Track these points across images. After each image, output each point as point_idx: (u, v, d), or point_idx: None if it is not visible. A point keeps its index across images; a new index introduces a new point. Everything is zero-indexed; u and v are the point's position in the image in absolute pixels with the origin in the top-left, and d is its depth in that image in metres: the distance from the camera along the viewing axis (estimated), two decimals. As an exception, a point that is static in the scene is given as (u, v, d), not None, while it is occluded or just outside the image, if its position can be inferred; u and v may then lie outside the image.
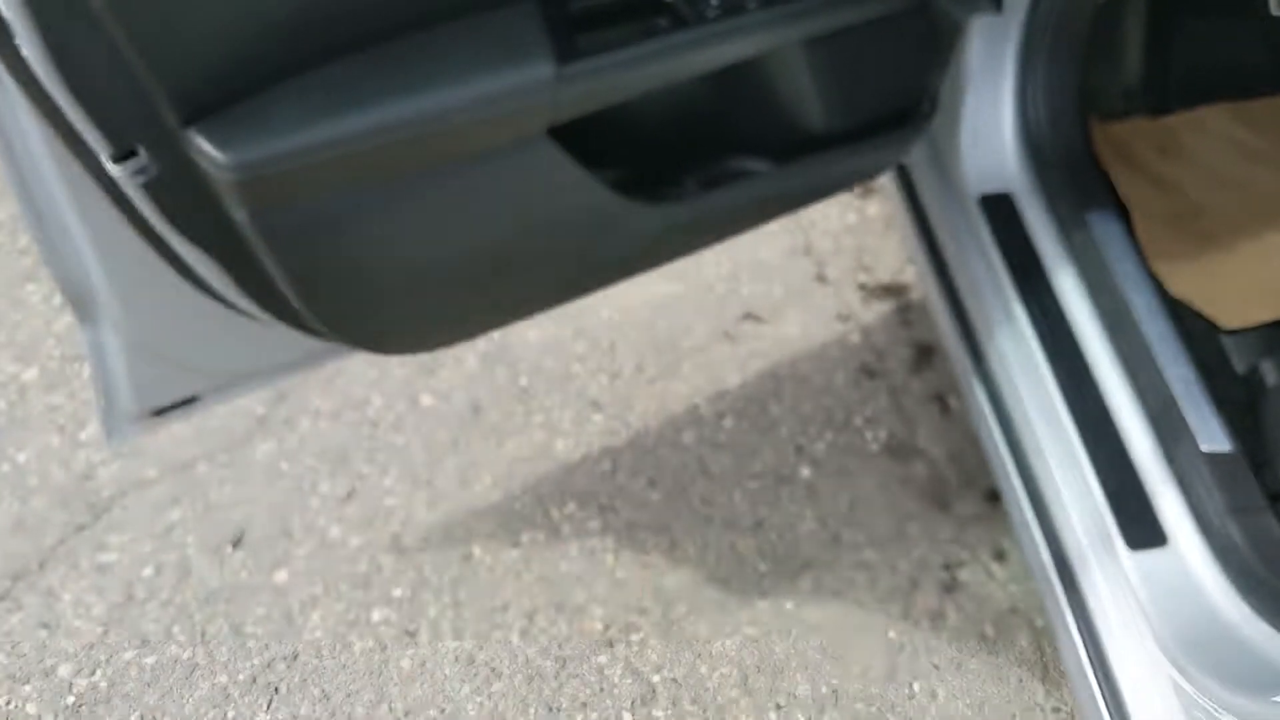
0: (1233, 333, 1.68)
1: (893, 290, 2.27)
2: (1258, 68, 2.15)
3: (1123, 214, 1.83)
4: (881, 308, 2.24)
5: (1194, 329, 1.69)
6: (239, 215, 1.16)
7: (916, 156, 1.93)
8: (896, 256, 2.32)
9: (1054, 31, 1.75)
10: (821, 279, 2.29)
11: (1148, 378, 1.56)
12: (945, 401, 2.06)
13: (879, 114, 1.62)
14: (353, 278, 1.30)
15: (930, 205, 1.92)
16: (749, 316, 2.22)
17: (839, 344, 2.17)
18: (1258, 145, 2.04)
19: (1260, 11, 1.99)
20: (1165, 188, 1.94)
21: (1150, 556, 1.45)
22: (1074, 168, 1.84)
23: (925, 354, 2.15)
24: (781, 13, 1.35)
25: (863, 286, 2.28)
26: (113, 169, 1.13)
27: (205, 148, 1.09)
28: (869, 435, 2.03)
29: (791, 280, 2.29)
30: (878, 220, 2.40)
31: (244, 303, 1.38)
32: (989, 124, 1.83)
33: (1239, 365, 1.65)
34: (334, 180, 1.16)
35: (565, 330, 2.18)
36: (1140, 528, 1.48)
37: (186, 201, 1.20)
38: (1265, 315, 1.70)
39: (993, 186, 1.83)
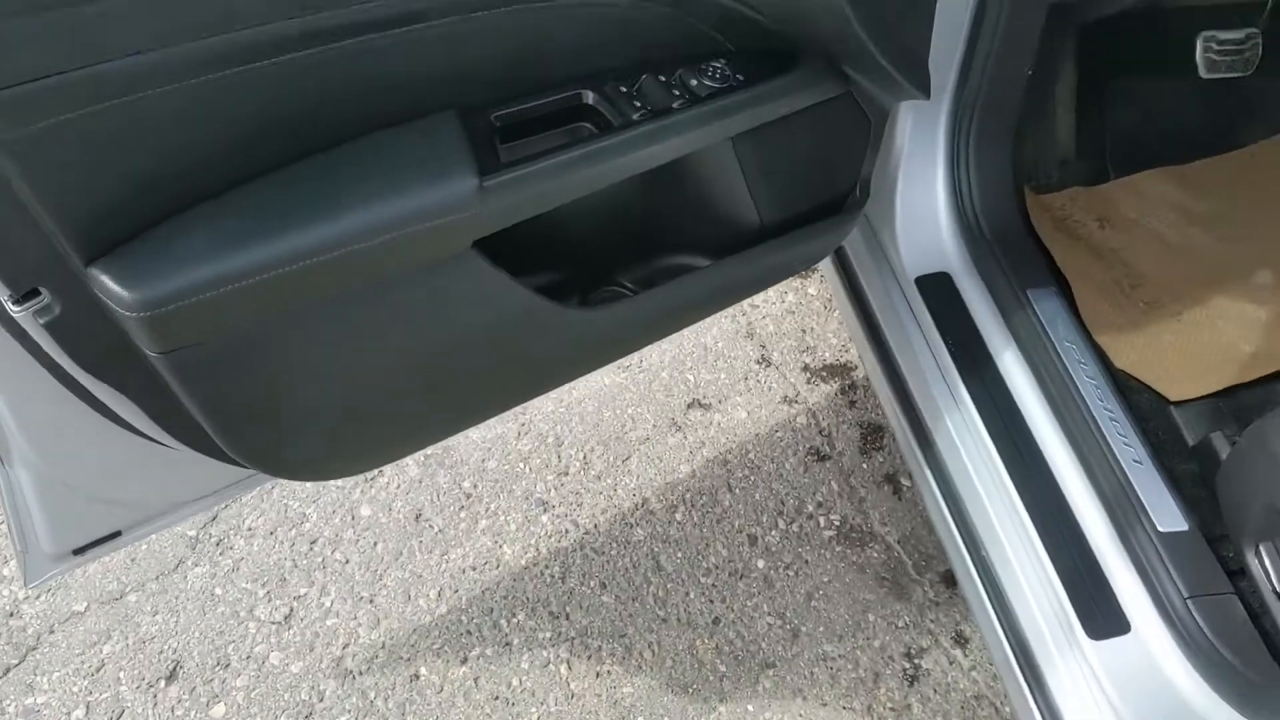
0: (1181, 404, 1.67)
1: (837, 370, 2.25)
2: (1192, 130, 2.17)
3: (1064, 287, 1.82)
4: (827, 388, 2.22)
5: (1143, 403, 1.68)
6: (149, 352, 1.12)
7: (853, 238, 1.92)
8: (839, 335, 2.30)
9: (982, 108, 1.75)
10: (766, 362, 2.27)
11: (1099, 458, 1.54)
12: (897, 482, 2.03)
13: (812, 204, 1.60)
14: (274, 408, 1.25)
15: (869, 287, 1.90)
16: (696, 404, 2.19)
17: (787, 428, 2.14)
18: (1197, 209, 2.05)
19: (1190, 74, 2.02)
20: (1105, 257, 1.94)
21: (1113, 645, 1.42)
22: (1012, 243, 1.83)
23: (874, 434, 2.12)
24: (707, 112, 1.33)
25: (807, 368, 2.26)
26: (14, 310, 1.09)
27: (109, 287, 1.05)
28: (822, 521, 1.99)
29: (736, 364, 2.26)
30: (818, 299, 2.38)
31: (162, 436, 1.33)
32: (922, 204, 1.82)
33: (1190, 438, 1.64)
34: (247, 310, 1.12)
35: (509, 428, 2.14)
36: (1101, 616, 1.45)
37: (94, 339, 1.15)
38: (1212, 386, 1.68)
39: (930, 266, 1.82)
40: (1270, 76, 2.09)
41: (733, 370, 2.24)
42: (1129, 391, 1.68)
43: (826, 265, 2.03)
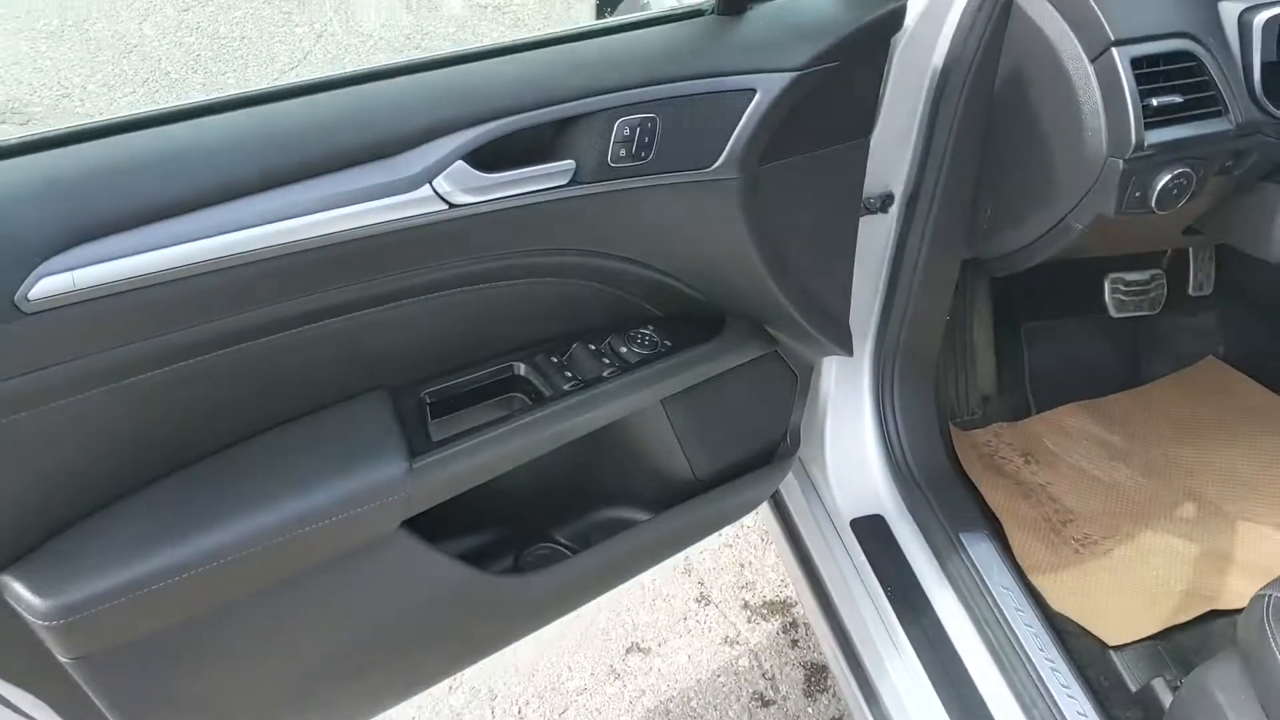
0: (1120, 648, 1.67)
1: (777, 607, 2.23)
2: (1106, 365, 2.25)
3: (996, 526, 1.85)
4: (768, 627, 2.19)
5: (1082, 648, 1.68)
6: (63, 657, 1.08)
7: (788, 481, 1.94)
8: (777, 570, 2.29)
9: (903, 353, 1.80)
10: (705, 600, 2.25)
11: (1043, 711, 1.52)
12: (844, 726, 1.99)
13: (744, 455, 1.62)
14: (196, 704, 1.21)
15: (804, 529, 1.91)
16: (635, 648, 2.15)
17: (729, 671, 2.10)
18: (1116, 442, 2.11)
19: (1100, 312, 2.10)
20: (1034, 494, 1.97)
21: None
22: (942, 483, 1.86)
23: (818, 674, 2.09)
24: (636, 380, 1.35)
25: (747, 605, 2.23)
26: None
27: (21, 594, 1.02)
28: (769, 773, 1.94)
29: (675, 603, 2.24)
30: (754, 531, 2.38)
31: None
32: (852, 447, 1.85)
33: (1132, 684, 1.63)
34: (162, 612, 1.09)
35: (440, 683, 2.07)
36: None
37: (6, 642, 1.11)
38: (1148, 628, 1.69)
39: (864, 509, 1.84)
40: (1175, 313, 2.20)
41: (672, 610, 2.21)
42: (1068, 636, 1.68)
43: (762, 506, 2.03)
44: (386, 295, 1.17)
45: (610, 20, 1.26)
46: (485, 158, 1.12)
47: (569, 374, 1.32)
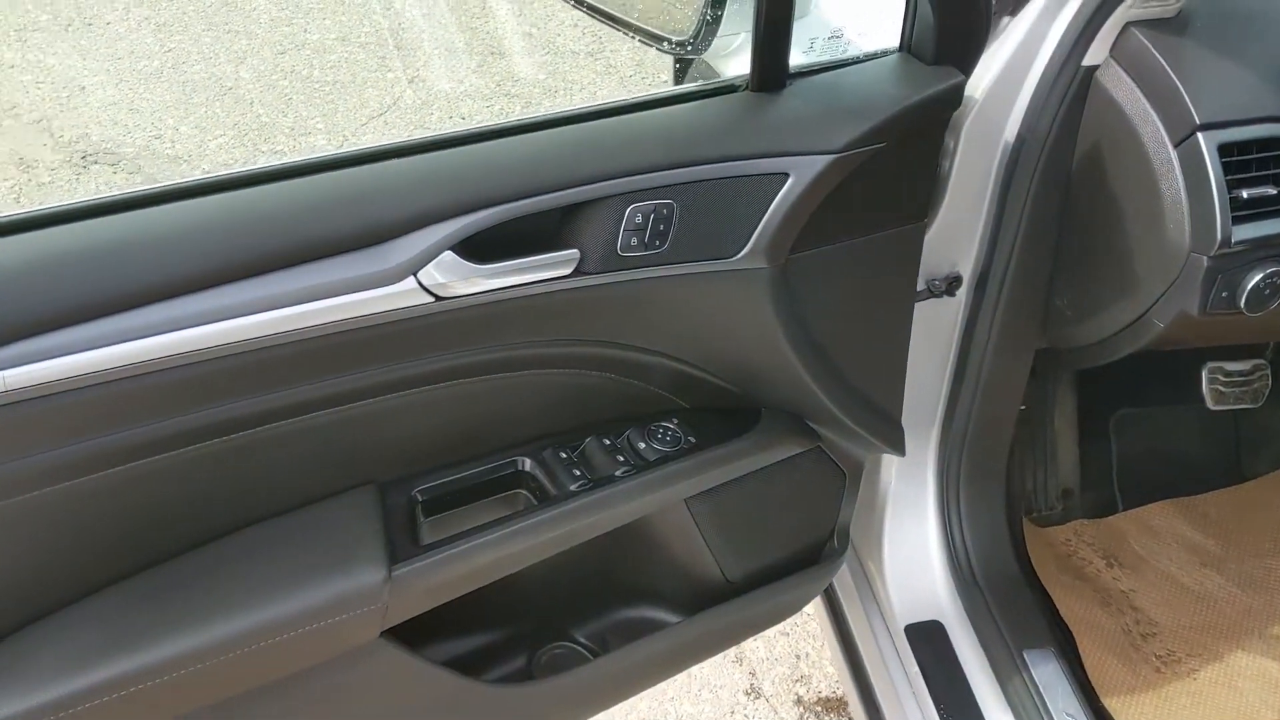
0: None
1: (834, 705, 2.10)
2: (1202, 460, 2.08)
3: (1068, 638, 1.69)
4: (822, 728, 2.06)
5: (1157, 784, 1.52)
6: None
7: (842, 574, 1.82)
8: (837, 663, 2.16)
9: (971, 444, 1.67)
10: (755, 692, 2.12)
11: None
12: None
13: (782, 557, 1.51)
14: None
15: (857, 630, 1.78)
16: (677, 742, 2.04)
17: (777, 773, 1.97)
18: (1210, 547, 1.94)
19: (1197, 402, 1.94)
20: (1114, 602, 1.81)
21: None
22: (1009, 588, 1.71)
23: (873, 784, 1.94)
24: (654, 479, 1.26)
25: (800, 701, 2.11)
26: None
27: None
28: None
29: (723, 695, 2.12)
30: (814, 619, 2.25)
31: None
32: (912, 546, 1.72)
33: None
34: None
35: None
36: None
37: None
38: (1235, 767, 1.53)
39: (921, 613, 1.70)
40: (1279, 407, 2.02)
41: (719, 702, 2.09)
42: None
43: (817, 600, 1.91)
44: (374, 388, 1.10)
45: (635, 96, 1.18)
46: (479, 247, 1.04)
47: (578, 471, 1.23)
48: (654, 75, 4.09)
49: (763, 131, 1.15)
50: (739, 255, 1.15)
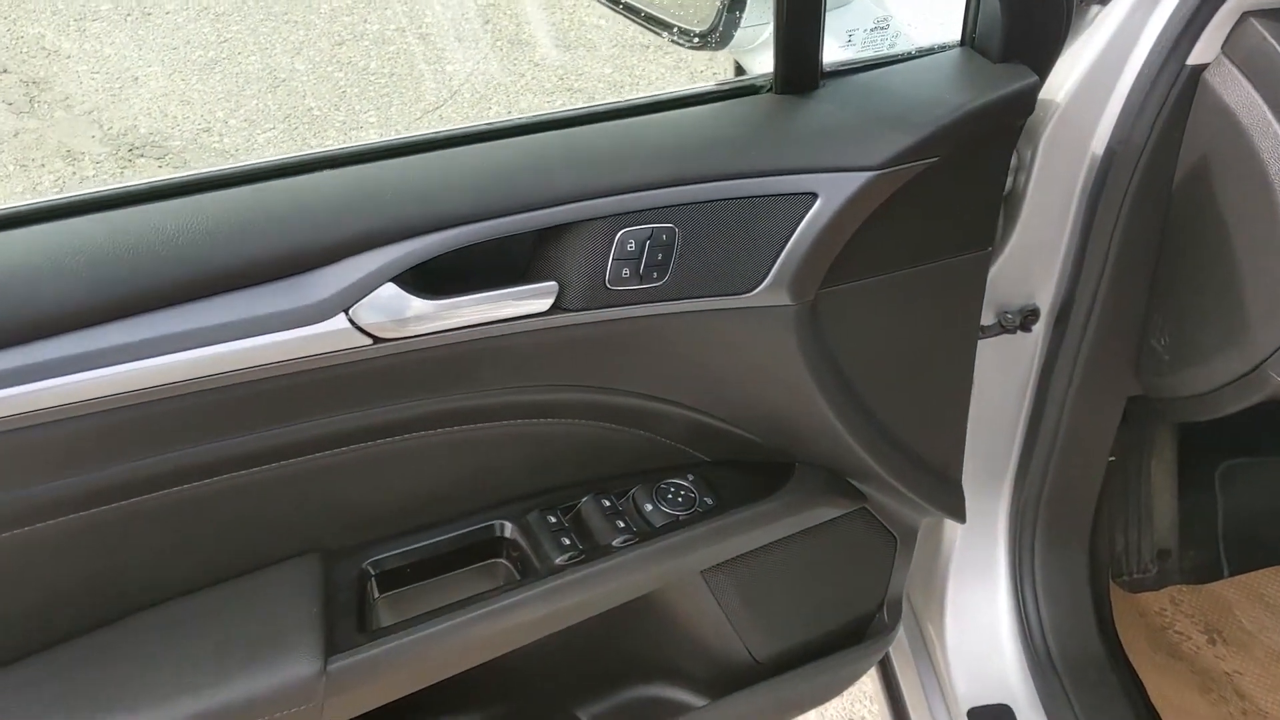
0: None
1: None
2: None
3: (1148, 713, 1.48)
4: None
5: None
6: None
7: (899, 650, 1.62)
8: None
9: (1050, 504, 1.47)
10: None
11: None
12: None
13: (820, 634, 1.32)
14: None
15: (914, 712, 1.59)
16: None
17: None
18: (1332, 624, 1.70)
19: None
20: (1217, 687, 1.59)
21: None
22: (1091, 670, 1.51)
23: None
24: (659, 550, 1.09)
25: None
26: None
27: None
28: None
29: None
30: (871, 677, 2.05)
31: None
32: (980, 618, 1.53)
33: None
34: None
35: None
36: None
37: None
38: None
39: (987, 696, 1.51)
40: None
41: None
42: None
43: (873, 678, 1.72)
44: (313, 442, 0.94)
45: (636, 98, 1.00)
46: (431, 277, 0.88)
47: (569, 540, 1.06)
48: (726, 71, 3.91)
49: (787, 142, 0.96)
50: (756, 290, 0.98)
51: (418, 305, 0.87)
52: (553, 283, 0.92)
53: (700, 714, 1.27)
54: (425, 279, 0.88)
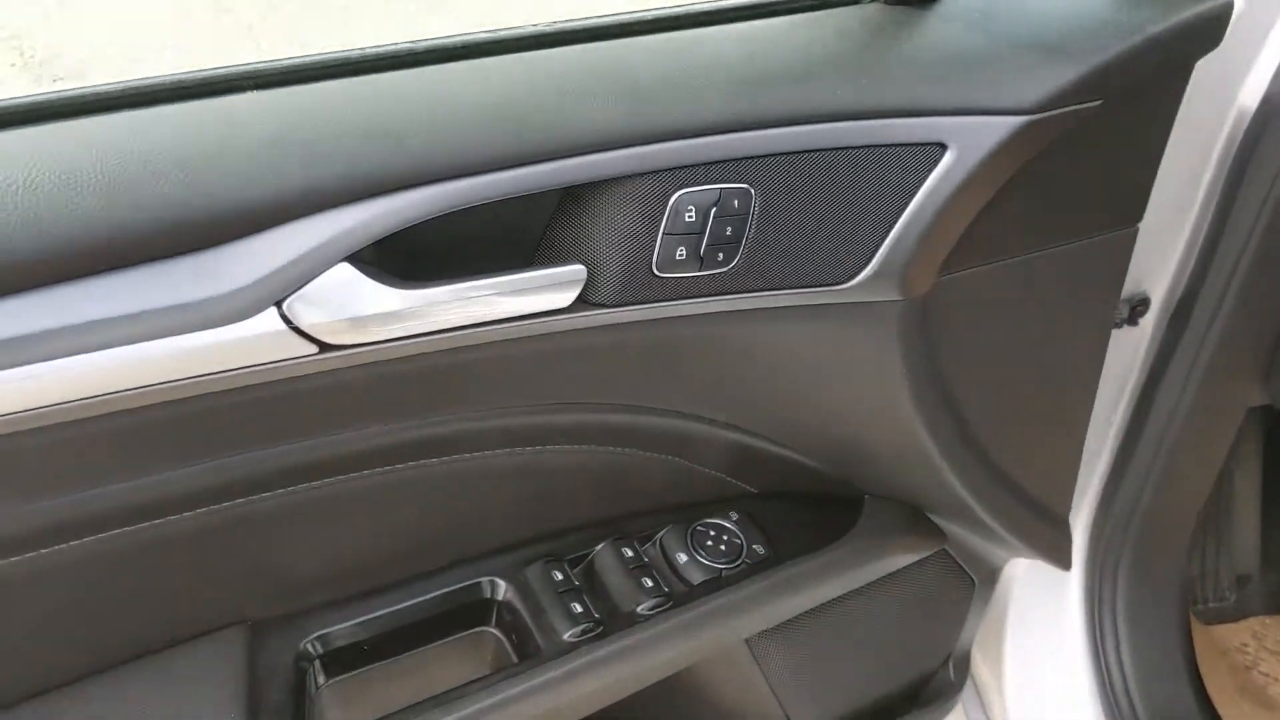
0: None
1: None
2: None
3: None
4: None
5: None
6: None
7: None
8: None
9: (1144, 528, 1.22)
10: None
11: None
12: None
13: (876, 697, 1.07)
14: None
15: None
16: None
17: None
18: None
19: None
20: (1313, 742, 1.36)
21: None
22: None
23: None
24: (703, 614, 0.82)
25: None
26: None
27: None
28: None
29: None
30: None
31: None
32: (1046, 668, 1.28)
33: None
34: None
35: None
36: None
37: None
38: None
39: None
40: None
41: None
42: None
43: None
44: (238, 484, 0.66)
45: (699, 1, 0.72)
46: (400, 256, 0.60)
47: (579, 606, 0.79)
48: None
49: (904, 71, 0.69)
50: (856, 280, 0.70)
51: (383, 297, 0.58)
52: (578, 266, 0.64)
53: None
54: (395, 258, 0.60)
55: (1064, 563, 1.03)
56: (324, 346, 0.59)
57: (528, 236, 0.65)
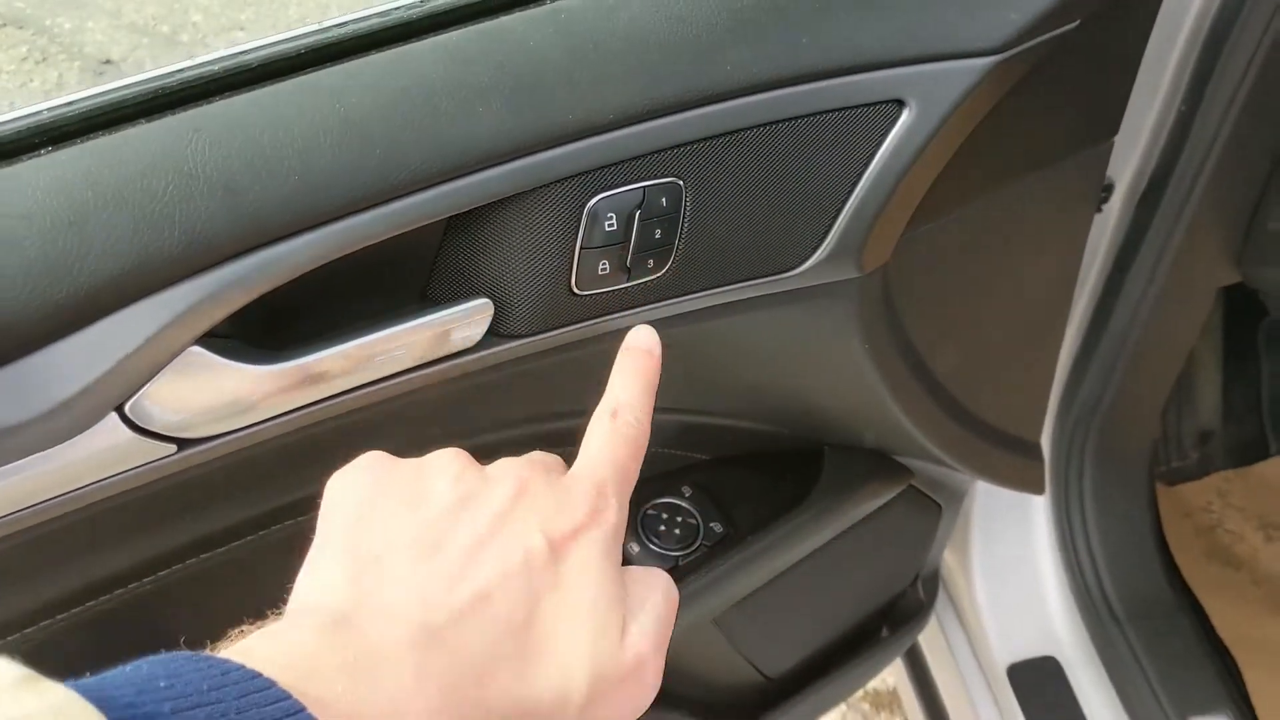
0: None
1: (883, 701, 1.65)
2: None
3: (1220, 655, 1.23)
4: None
5: None
6: None
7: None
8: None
9: (1111, 415, 1.17)
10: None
11: None
12: None
13: (844, 632, 1.01)
14: None
15: (939, 677, 1.31)
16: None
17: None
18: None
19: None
20: (1281, 596, 1.33)
21: None
22: (1155, 606, 1.24)
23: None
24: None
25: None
26: None
27: None
28: None
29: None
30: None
31: None
32: (1013, 558, 1.24)
33: None
34: None
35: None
36: None
37: None
38: None
39: (1028, 649, 1.23)
40: None
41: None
42: None
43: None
44: (143, 566, 0.57)
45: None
46: (261, 319, 0.48)
47: None
48: None
49: (844, 21, 0.57)
50: (808, 264, 0.60)
51: (246, 379, 0.47)
52: (483, 300, 0.53)
53: None
54: (255, 323, 0.49)
55: (1038, 488, 0.96)
56: (183, 443, 0.48)
57: (416, 264, 0.54)
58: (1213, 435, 1.49)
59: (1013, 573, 1.23)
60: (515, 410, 0.64)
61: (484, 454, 0.65)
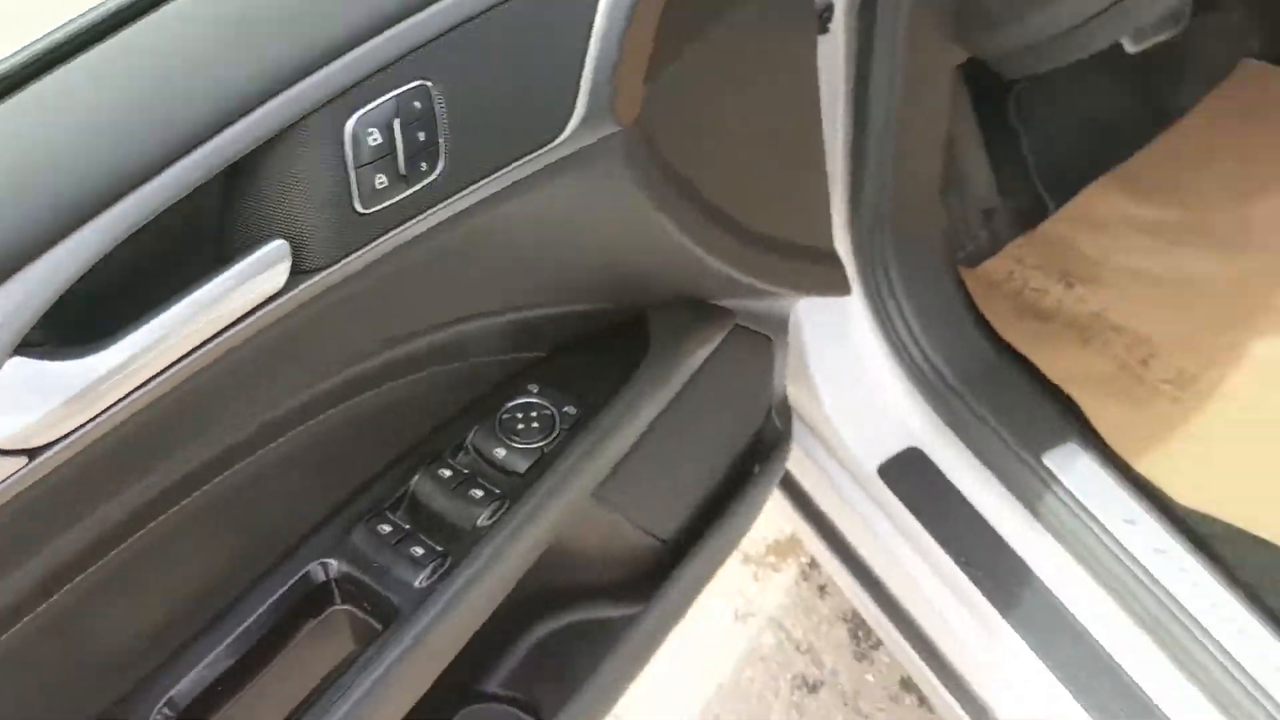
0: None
1: (786, 549, 1.74)
2: (1120, 116, 1.70)
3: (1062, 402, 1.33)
4: (782, 579, 1.70)
5: (1242, 555, 1.20)
6: None
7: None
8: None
9: (898, 208, 1.26)
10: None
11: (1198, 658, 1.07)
12: (917, 689, 1.54)
13: (723, 476, 1.07)
14: None
15: (823, 501, 1.39)
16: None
17: (753, 656, 1.62)
18: (1167, 219, 1.58)
19: (1109, 52, 1.53)
20: (1095, 335, 1.45)
21: None
22: (988, 370, 1.33)
23: (864, 627, 1.62)
24: (546, 493, 0.79)
25: (748, 559, 1.73)
26: None
27: None
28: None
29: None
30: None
31: None
32: (851, 368, 1.31)
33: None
34: None
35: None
36: None
37: None
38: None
39: (890, 448, 1.32)
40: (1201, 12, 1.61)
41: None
42: (1214, 541, 1.20)
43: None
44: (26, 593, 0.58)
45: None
46: (73, 313, 0.50)
47: (419, 549, 0.75)
48: None
49: None
50: (569, 129, 0.64)
51: (74, 374, 0.49)
52: (278, 241, 0.55)
53: (625, 638, 1.01)
54: (67, 318, 0.50)
55: (844, 289, 1.03)
56: (33, 453, 0.49)
57: (208, 230, 0.56)
58: (995, 211, 1.60)
59: (854, 382, 1.30)
60: (343, 346, 0.67)
61: (324, 400, 0.68)
